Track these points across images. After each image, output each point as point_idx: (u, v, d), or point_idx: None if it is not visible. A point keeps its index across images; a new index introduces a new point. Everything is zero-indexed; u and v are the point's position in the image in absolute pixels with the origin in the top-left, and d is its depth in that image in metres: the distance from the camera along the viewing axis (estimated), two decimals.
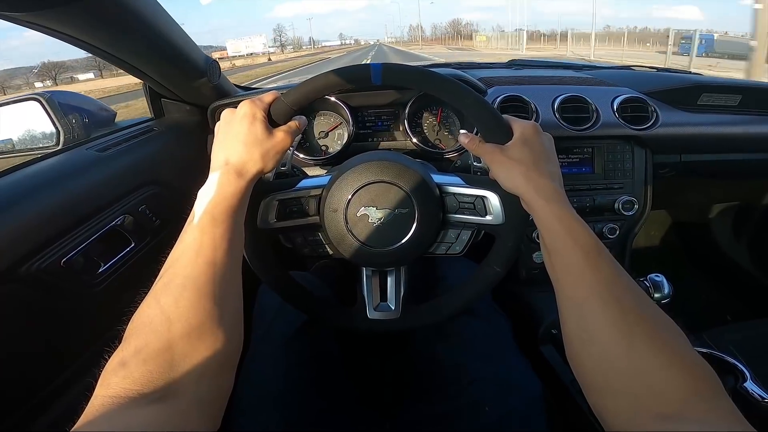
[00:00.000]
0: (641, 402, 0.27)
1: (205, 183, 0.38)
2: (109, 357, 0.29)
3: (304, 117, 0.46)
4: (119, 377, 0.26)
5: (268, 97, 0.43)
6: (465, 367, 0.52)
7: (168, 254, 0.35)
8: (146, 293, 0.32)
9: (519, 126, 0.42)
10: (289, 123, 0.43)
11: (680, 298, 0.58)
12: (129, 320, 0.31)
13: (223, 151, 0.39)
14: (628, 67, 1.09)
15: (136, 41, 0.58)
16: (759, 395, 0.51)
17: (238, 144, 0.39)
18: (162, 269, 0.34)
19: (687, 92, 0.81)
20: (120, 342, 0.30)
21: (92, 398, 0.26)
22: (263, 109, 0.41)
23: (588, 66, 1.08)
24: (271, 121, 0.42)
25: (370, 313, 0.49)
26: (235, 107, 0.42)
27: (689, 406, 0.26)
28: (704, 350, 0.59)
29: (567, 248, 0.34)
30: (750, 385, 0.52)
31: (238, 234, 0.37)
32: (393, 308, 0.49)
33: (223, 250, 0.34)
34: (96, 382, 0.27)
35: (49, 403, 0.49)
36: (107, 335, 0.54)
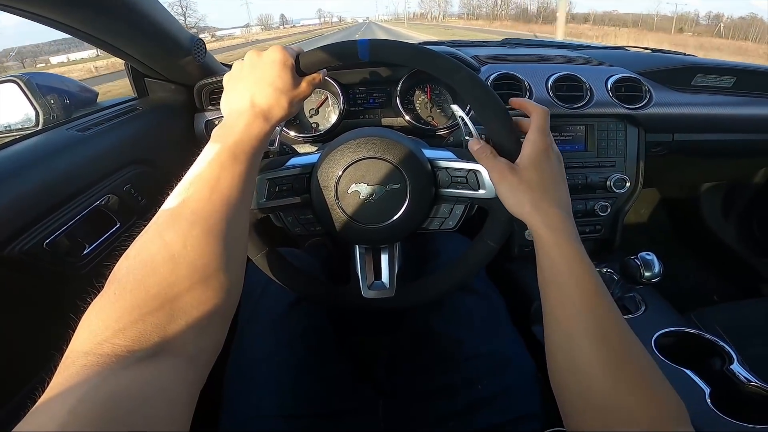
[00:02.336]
0: (616, 429, 0.29)
1: (223, 121, 0.37)
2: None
3: (325, 70, 0.45)
4: (108, 331, 0.23)
5: (296, 46, 0.42)
6: (461, 343, 0.52)
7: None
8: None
9: (529, 142, 0.39)
10: (314, 75, 0.42)
11: (668, 276, 0.59)
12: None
13: (247, 92, 0.38)
14: (622, 48, 1.08)
15: (115, 20, 0.56)
16: (745, 378, 0.52)
17: (267, 87, 0.38)
18: (165, 203, 0.31)
19: (681, 73, 0.81)
20: (107, 280, 0.26)
21: (67, 353, 0.22)
22: (293, 57, 0.40)
23: (582, 46, 1.07)
24: (298, 70, 0.41)
25: (365, 292, 0.49)
26: (223, 86, 0.41)
27: None
28: (692, 331, 0.60)
29: (566, 286, 0.34)
30: (736, 368, 0.53)
31: (254, 177, 0.37)
32: (387, 286, 0.49)
33: (239, 190, 0.33)
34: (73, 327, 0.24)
35: (36, 392, 0.48)
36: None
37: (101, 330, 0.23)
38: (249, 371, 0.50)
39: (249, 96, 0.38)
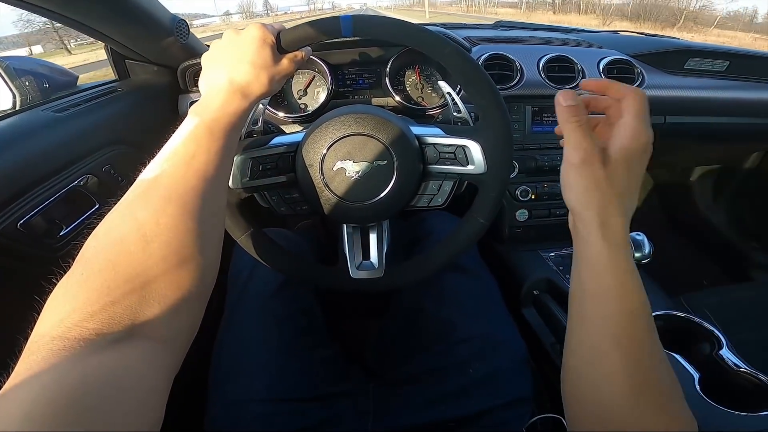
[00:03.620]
0: None
1: (201, 98, 0.36)
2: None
3: (309, 48, 0.43)
4: (77, 314, 0.21)
5: (278, 24, 0.41)
6: (453, 325, 0.51)
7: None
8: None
9: (635, 129, 0.30)
10: (295, 52, 0.41)
11: (659, 259, 0.58)
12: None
13: (224, 70, 0.37)
14: (615, 32, 1.08)
15: (94, 1, 0.54)
16: (734, 363, 0.52)
17: (245, 64, 0.37)
18: (138, 179, 0.29)
19: (674, 56, 0.81)
20: (74, 260, 0.25)
21: (33, 337, 0.21)
22: (273, 34, 0.39)
23: (576, 29, 1.06)
24: (279, 47, 0.40)
25: (353, 272, 0.48)
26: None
27: None
28: (682, 315, 0.60)
29: (610, 304, 0.29)
30: (725, 353, 0.53)
31: (231, 154, 0.36)
32: (376, 266, 0.48)
33: (215, 166, 0.32)
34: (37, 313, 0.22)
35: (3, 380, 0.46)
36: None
37: (68, 313, 0.22)
38: (237, 354, 0.49)
39: (226, 73, 0.37)
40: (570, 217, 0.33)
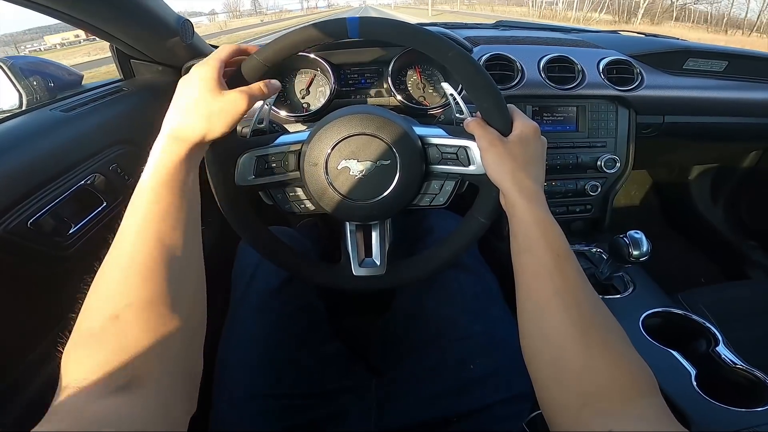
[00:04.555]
0: (588, 398, 0.29)
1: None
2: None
3: (276, 81, 0.42)
4: (75, 365, 0.25)
5: (223, 53, 0.39)
6: (454, 322, 0.52)
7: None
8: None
9: (521, 122, 0.42)
10: (251, 85, 0.39)
11: (656, 257, 0.59)
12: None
13: (167, 121, 0.36)
14: (615, 32, 1.08)
15: (100, 2, 0.55)
16: (730, 360, 0.53)
17: (176, 109, 0.36)
18: (106, 257, 0.31)
19: (673, 56, 0.81)
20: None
21: (58, 388, 0.25)
22: (215, 68, 0.37)
23: (575, 29, 1.07)
24: (237, 80, 0.39)
25: (355, 270, 0.49)
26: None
27: (630, 403, 0.28)
28: (680, 311, 0.61)
29: (540, 249, 0.35)
30: (722, 350, 0.54)
31: (188, 207, 0.34)
32: (378, 264, 0.49)
33: (169, 226, 0.31)
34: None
35: (28, 378, 0.47)
36: (82, 300, 0.52)
37: (65, 364, 0.26)
38: (241, 351, 0.50)
39: (167, 124, 0.36)
40: (500, 195, 0.42)
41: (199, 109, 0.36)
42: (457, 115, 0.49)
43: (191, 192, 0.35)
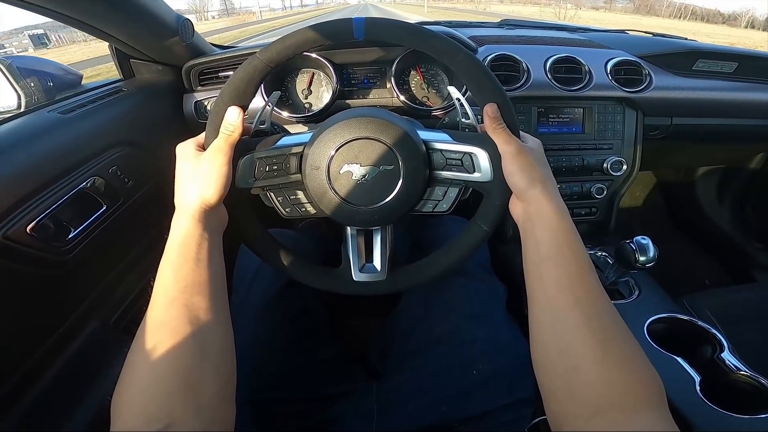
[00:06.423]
0: (600, 409, 0.29)
1: None
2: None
3: (235, 109, 0.41)
4: (121, 413, 0.29)
5: (208, 132, 0.41)
6: (457, 327, 0.51)
7: (142, 217, 0.34)
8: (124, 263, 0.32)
9: (530, 135, 0.43)
10: (212, 144, 0.40)
11: (661, 259, 0.58)
12: (103, 288, 0.30)
13: (175, 197, 0.39)
14: (623, 31, 1.06)
15: (98, 1, 0.54)
16: (735, 366, 0.52)
17: (176, 185, 0.39)
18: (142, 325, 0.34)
19: (682, 57, 0.80)
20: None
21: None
22: (195, 143, 0.41)
23: (582, 28, 1.05)
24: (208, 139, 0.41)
25: (356, 275, 0.48)
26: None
27: (640, 414, 0.28)
28: (685, 317, 0.61)
29: (565, 259, 0.35)
30: (727, 356, 0.54)
31: (209, 274, 0.36)
32: (379, 269, 0.48)
33: (191, 294, 0.34)
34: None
35: (29, 383, 0.47)
36: (84, 304, 0.53)
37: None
38: (241, 355, 0.49)
39: (175, 196, 0.39)
40: (512, 202, 0.41)
41: (189, 180, 0.39)
42: (463, 120, 0.48)
43: (207, 260, 0.36)
